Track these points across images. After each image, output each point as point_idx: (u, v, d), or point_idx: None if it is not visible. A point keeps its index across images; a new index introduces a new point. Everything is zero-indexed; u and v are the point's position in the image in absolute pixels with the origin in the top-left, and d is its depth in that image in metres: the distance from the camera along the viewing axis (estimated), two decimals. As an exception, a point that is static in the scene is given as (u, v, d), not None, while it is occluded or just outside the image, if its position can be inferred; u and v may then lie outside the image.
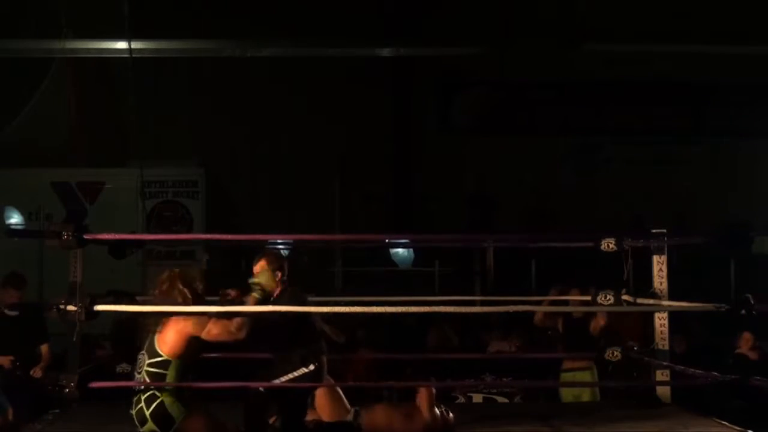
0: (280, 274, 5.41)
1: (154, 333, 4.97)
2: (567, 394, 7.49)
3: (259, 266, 5.42)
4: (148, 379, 4.89)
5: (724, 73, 13.68)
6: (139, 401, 4.89)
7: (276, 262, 5.46)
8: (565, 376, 7.42)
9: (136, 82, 9.91)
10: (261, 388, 5.25)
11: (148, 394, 4.87)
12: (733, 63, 13.32)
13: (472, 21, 13.20)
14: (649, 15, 13.13)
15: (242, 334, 4.97)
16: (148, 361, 4.91)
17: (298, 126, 13.62)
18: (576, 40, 12.69)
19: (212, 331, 4.92)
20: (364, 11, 13.35)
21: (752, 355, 7.83)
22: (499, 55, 13.00)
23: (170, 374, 4.88)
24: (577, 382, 7.55)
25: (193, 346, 4.95)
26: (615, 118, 14.42)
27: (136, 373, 5.01)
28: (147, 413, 4.86)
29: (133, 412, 4.92)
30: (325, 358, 5.45)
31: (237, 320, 4.97)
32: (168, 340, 4.91)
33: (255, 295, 5.25)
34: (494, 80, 14.35)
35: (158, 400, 4.85)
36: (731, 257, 11.29)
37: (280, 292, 5.42)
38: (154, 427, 4.85)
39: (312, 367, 5.32)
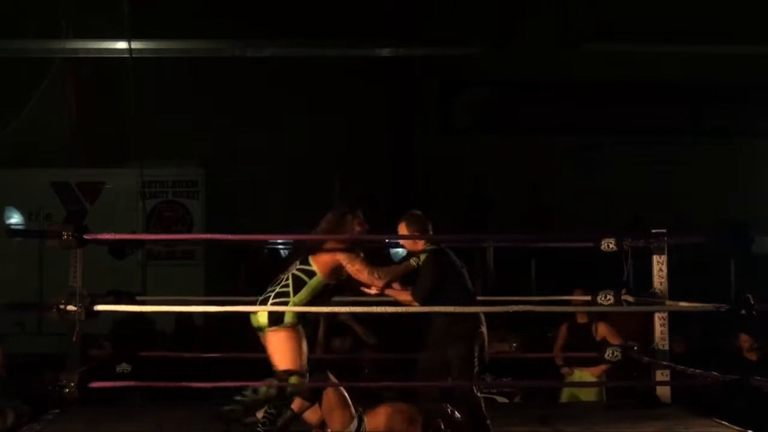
0: (419, 234, 5.60)
1: (305, 256, 5.29)
2: (567, 393, 7.51)
3: (400, 230, 5.66)
4: (290, 280, 5.23)
5: (724, 73, 13.69)
6: (272, 291, 5.24)
7: (416, 223, 5.65)
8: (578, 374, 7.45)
9: (136, 82, 9.92)
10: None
11: (282, 290, 5.21)
12: (733, 63, 13.33)
13: (472, 21, 13.20)
14: (649, 15, 13.12)
15: (380, 283, 5.26)
16: (299, 266, 5.26)
17: (298, 126, 13.62)
18: (576, 40, 12.69)
19: (357, 266, 5.21)
20: (364, 11, 13.35)
21: (751, 357, 7.82)
22: (499, 55, 12.99)
23: (310, 283, 5.20)
24: (577, 383, 7.56)
25: (337, 272, 5.25)
26: (615, 118, 14.42)
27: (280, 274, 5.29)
28: (269, 301, 5.19)
29: (260, 297, 5.26)
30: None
31: (384, 269, 5.32)
32: (320, 259, 5.24)
33: (412, 262, 5.51)
34: (494, 80, 14.35)
35: (284, 299, 5.18)
36: (731, 257, 11.28)
37: (427, 251, 5.54)
38: (265, 320, 5.16)
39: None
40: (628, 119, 14.36)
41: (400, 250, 13.15)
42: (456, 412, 5.65)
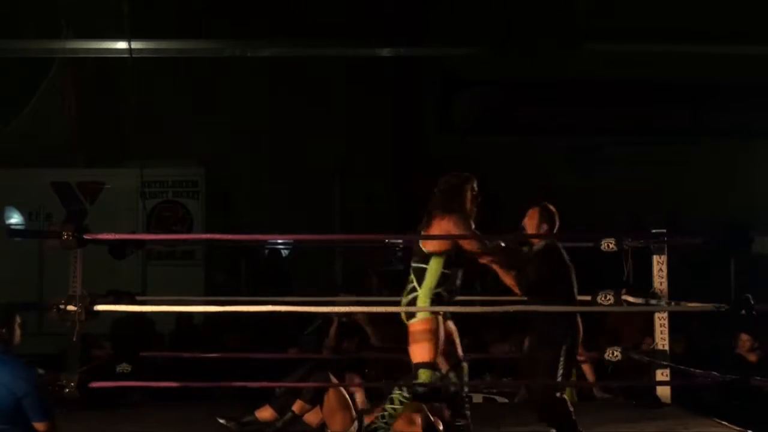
0: (546, 227, 5.70)
1: (420, 233, 5.40)
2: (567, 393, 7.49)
3: (529, 215, 5.77)
4: (411, 275, 5.32)
5: (724, 73, 13.68)
6: (405, 292, 5.34)
7: (547, 216, 5.73)
8: None
9: (136, 82, 9.92)
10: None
11: (410, 285, 5.31)
12: (733, 63, 13.32)
13: (472, 21, 13.20)
14: (649, 15, 13.12)
15: (488, 252, 5.41)
16: (414, 258, 5.35)
17: (298, 126, 13.61)
18: (576, 40, 12.69)
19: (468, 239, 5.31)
20: (364, 11, 13.34)
21: (752, 357, 7.79)
22: (499, 55, 12.99)
23: (431, 268, 5.27)
24: (573, 382, 7.55)
25: (452, 247, 5.32)
26: (615, 118, 14.41)
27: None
28: (403, 300, 5.33)
29: (402, 300, 5.35)
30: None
31: (494, 243, 5.44)
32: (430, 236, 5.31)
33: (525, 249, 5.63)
34: (494, 80, 14.34)
35: (414, 294, 5.28)
36: (731, 257, 11.28)
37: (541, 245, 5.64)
38: (403, 318, 5.31)
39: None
40: (628, 119, 14.35)
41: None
42: (458, 417, 5.66)
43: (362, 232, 11.88)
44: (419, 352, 5.23)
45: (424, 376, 5.21)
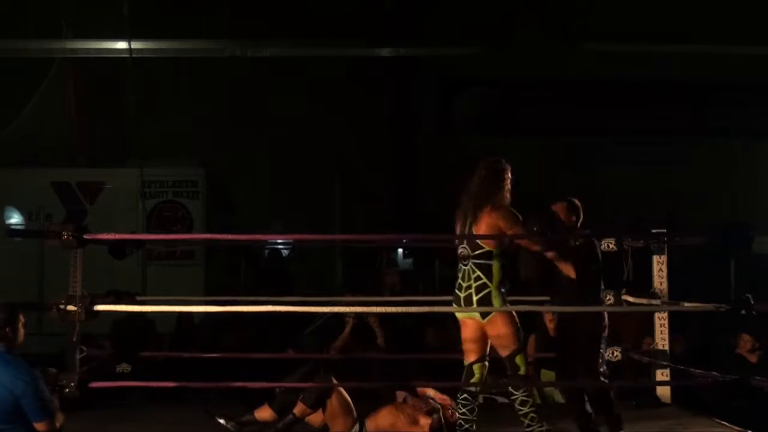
0: (574, 220, 5.79)
1: (469, 227, 5.43)
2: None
3: (558, 209, 5.83)
4: (476, 270, 5.34)
5: (724, 73, 13.68)
6: (469, 287, 5.35)
7: (574, 211, 5.82)
8: (546, 374, 7.44)
9: (136, 82, 9.92)
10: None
11: (479, 282, 5.31)
12: (733, 63, 13.32)
13: (472, 21, 13.20)
14: (649, 15, 13.12)
15: (541, 244, 5.45)
16: (473, 254, 5.36)
17: (298, 126, 13.61)
18: (576, 40, 12.68)
19: (517, 230, 5.39)
20: (364, 11, 13.34)
21: (752, 358, 7.76)
22: (499, 55, 12.99)
23: (496, 263, 5.35)
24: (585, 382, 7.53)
25: (507, 241, 5.43)
26: (615, 118, 14.41)
27: (461, 264, 5.42)
28: (475, 299, 5.31)
29: (462, 295, 5.37)
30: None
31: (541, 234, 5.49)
32: (484, 233, 5.38)
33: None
34: (494, 80, 14.34)
35: (487, 290, 5.31)
36: (731, 257, 11.28)
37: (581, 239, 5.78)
38: (472, 317, 5.36)
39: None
40: (628, 119, 14.35)
41: (399, 250, 13.22)
42: (456, 414, 5.66)
43: (362, 232, 11.90)
44: (508, 342, 5.36)
45: (520, 362, 5.37)
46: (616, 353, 6.34)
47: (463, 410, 5.48)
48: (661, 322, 6.58)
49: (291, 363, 6.69)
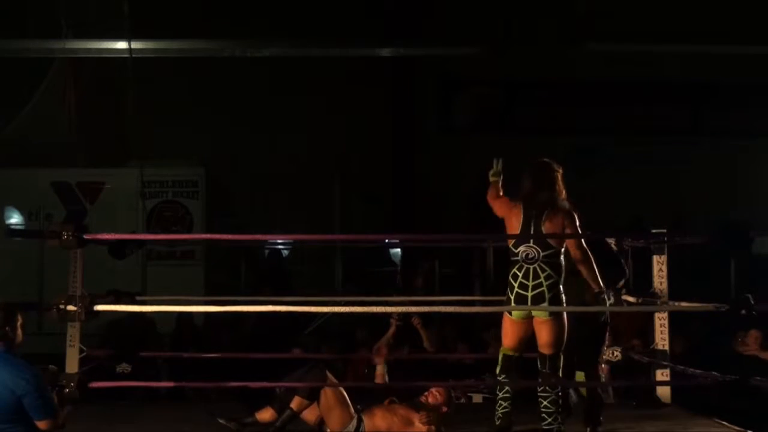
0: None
1: (538, 226, 5.49)
2: None
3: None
4: (546, 269, 5.41)
5: (724, 73, 13.68)
6: (540, 285, 5.40)
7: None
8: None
9: (136, 82, 9.92)
10: None
11: (551, 281, 5.39)
12: (733, 63, 13.32)
13: (472, 21, 13.19)
14: (649, 15, 13.12)
15: (584, 250, 5.48)
16: (543, 253, 5.42)
17: (298, 126, 13.62)
18: (577, 40, 12.68)
19: (573, 229, 5.52)
20: (364, 11, 13.34)
21: (764, 356, 7.61)
22: (499, 55, 12.98)
23: (562, 262, 5.44)
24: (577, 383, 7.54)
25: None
26: (615, 118, 14.40)
27: (525, 264, 5.46)
28: (547, 297, 5.39)
29: (530, 294, 5.41)
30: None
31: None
32: (555, 232, 5.47)
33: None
34: (494, 80, 14.34)
35: (557, 288, 5.41)
36: (731, 257, 11.28)
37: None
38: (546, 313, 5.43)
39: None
40: (628, 119, 14.34)
41: (400, 250, 13.22)
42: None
43: (362, 232, 11.91)
44: (558, 341, 5.47)
45: (559, 362, 5.49)
46: (616, 353, 6.34)
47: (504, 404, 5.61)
48: (661, 322, 6.57)
49: (292, 363, 6.69)
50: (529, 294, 5.43)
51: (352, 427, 5.69)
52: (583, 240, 5.51)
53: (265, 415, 5.92)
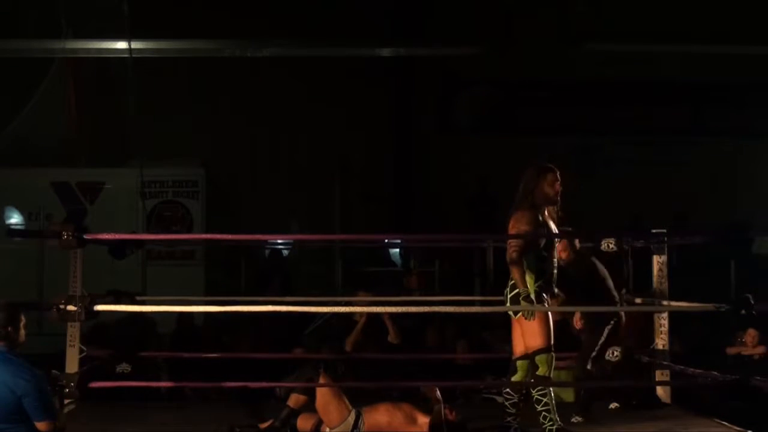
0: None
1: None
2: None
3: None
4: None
5: (724, 73, 13.68)
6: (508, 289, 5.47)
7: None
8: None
9: (136, 82, 9.92)
10: None
11: (512, 283, 5.44)
12: (733, 63, 13.32)
13: (472, 21, 13.20)
14: (649, 15, 13.12)
15: (513, 252, 5.42)
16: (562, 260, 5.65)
17: (298, 126, 13.62)
18: (576, 40, 12.69)
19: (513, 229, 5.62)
20: (364, 11, 13.35)
21: (758, 350, 7.67)
22: (499, 55, 12.99)
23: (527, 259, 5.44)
24: (568, 383, 7.54)
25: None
26: (615, 118, 14.40)
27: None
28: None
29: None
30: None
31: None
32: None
33: None
34: (494, 80, 14.34)
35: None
36: (731, 257, 11.29)
37: (572, 260, 6.10)
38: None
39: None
40: (628, 119, 14.34)
41: (397, 250, 13.23)
42: (453, 412, 5.66)
43: (362, 232, 11.91)
44: (539, 342, 5.45)
45: (542, 361, 5.48)
46: (615, 353, 6.34)
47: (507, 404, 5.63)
48: (661, 322, 6.57)
49: (292, 363, 6.69)
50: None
51: (351, 421, 5.67)
52: (516, 244, 5.44)
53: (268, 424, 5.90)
